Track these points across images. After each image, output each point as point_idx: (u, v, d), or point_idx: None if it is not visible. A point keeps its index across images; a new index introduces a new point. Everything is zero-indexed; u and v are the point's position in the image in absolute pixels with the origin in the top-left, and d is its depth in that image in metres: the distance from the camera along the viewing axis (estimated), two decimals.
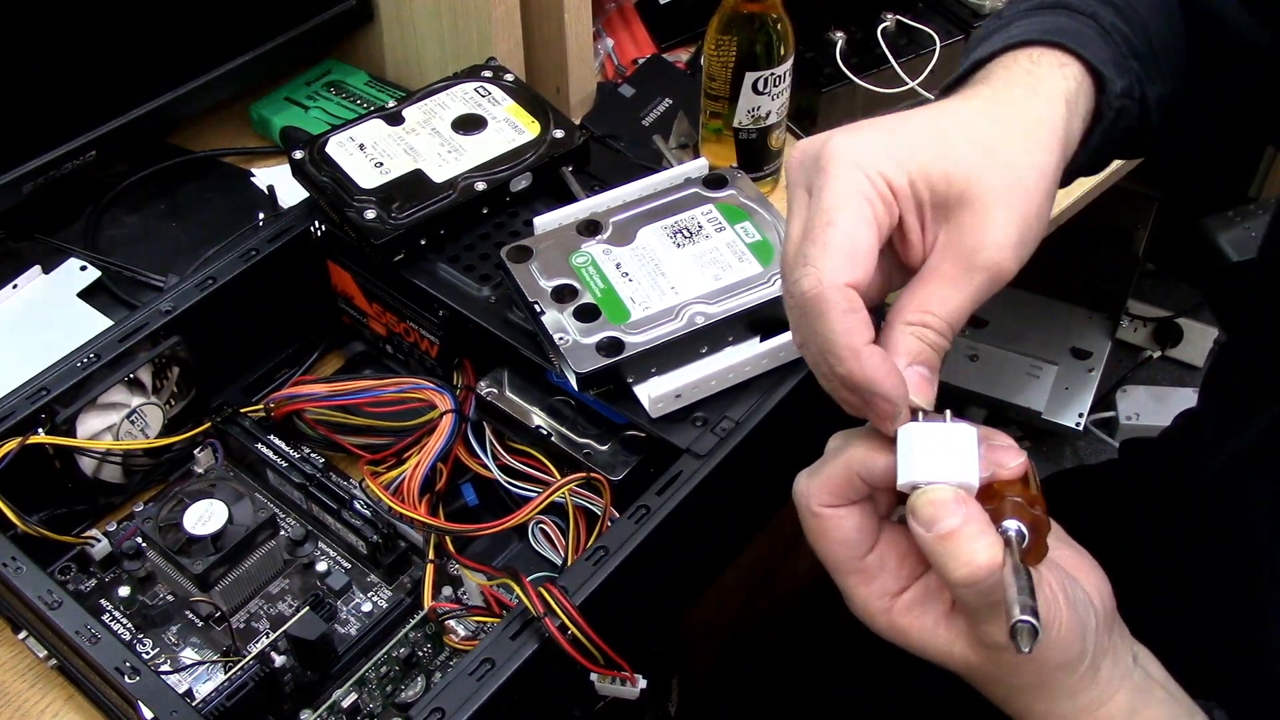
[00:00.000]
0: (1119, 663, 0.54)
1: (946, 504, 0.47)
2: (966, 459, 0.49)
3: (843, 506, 0.52)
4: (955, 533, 0.47)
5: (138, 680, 0.62)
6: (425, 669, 0.73)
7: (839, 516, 0.52)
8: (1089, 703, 0.53)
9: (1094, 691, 0.53)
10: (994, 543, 0.47)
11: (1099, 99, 0.60)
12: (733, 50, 0.96)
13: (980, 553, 0.46)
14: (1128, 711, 0.54)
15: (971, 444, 0.49)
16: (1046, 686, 0.52)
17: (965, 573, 0.47)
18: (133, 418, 0.78)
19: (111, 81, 0.97)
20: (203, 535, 0.72)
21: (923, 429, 0.49)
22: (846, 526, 0.52)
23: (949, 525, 0.47)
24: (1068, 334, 1.89)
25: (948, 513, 0.47)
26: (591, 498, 0.75)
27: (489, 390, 0.79)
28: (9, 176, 0.92)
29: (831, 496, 0.52)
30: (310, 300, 0.88)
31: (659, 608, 0.79)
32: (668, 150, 0.98)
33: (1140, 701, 0.54)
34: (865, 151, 0.50)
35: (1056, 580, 0.51)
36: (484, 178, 0.83)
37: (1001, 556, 0.47)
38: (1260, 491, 0.70)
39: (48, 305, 0.95)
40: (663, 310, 0.73)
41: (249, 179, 1.07)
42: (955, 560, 0.47)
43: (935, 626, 0.52)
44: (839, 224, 0.49)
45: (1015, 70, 0.59)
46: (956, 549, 0.47)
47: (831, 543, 0.52)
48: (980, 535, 0.47)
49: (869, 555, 0.52)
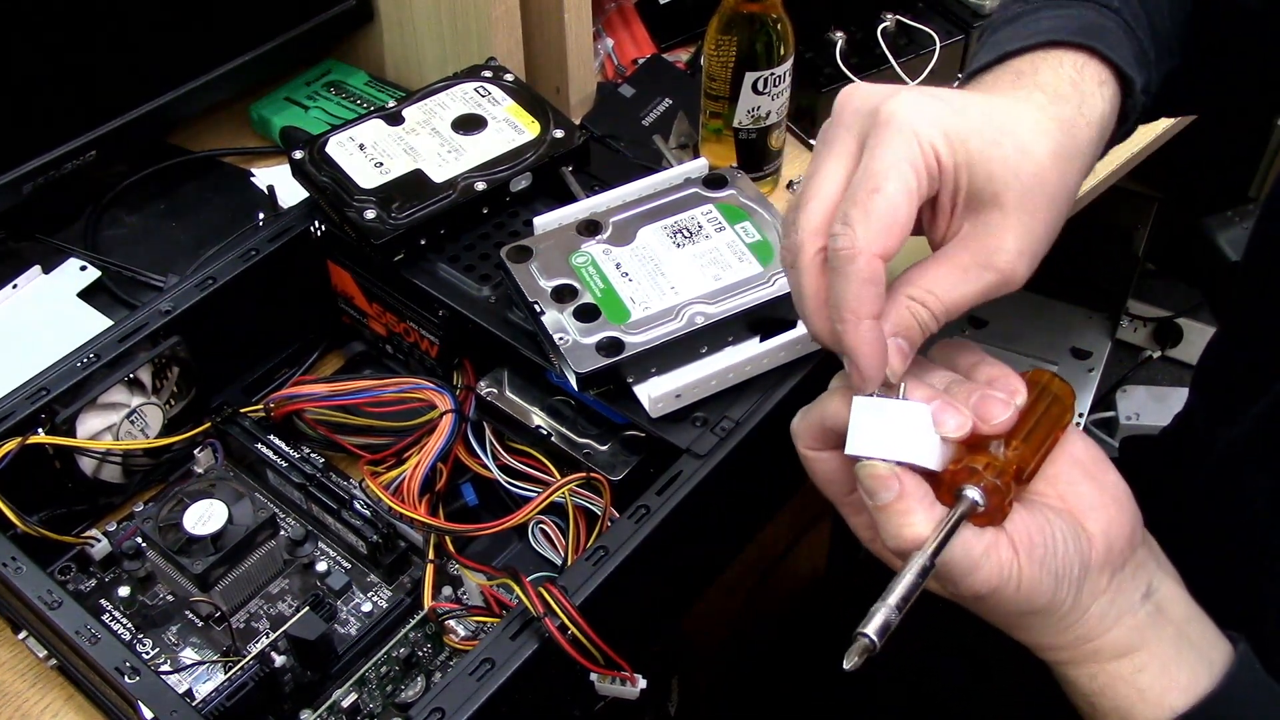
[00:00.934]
0: (1117, 601, 0.55)
1: (880, 479, 0.51)
2: (912, 437, 0.51)
3: (825, 450, 0.56)
4: (888, 507, 0.51)
5: (138, 680, 0.62)
6: (425, 669, 0.73)
7: (821, 459, 0.56)
8: (1075, 638, 0.55)
9: (1080, 629, 0.55)
10: (923, 520, 0.50)
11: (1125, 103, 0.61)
12: (733, 50, 0.96)
13: (905, 529, 0.50)
14: (1122, 648, 0.55)
15: (922, 423, 0.51)
16: (1021, 626, 0.55)
17: (892, 545, 0.51)
18: (133, 418, 0.78)
19: (111, 81, 0.97)
20: (203, 535, 0.72)
21: (874, 404, 0.52)
22: (830, 468, 0.56)
23: (883, 499, 0.51)
24: (1068, 334, 1.89)
25: (881, 487, 0.51)
26: (591, 498, 0.75)
27: (489, 390, 0.79)
28: (9, 176, 0.92)
29: (814, 440, 0.56)
30: (310, 300, 0.88)
31: (659, 608, 0.79)
32: (668, 150, 0.98)
33: (1140, 639, 0.55)
34: (926, 121, 0.51)
35: (1026, 534, 0.52)
36: (484, 178, 0.83)
37: (925, 535, 0.50)
38: (1259, 486, 0.71)
39: (48, 305, 0.95)
40: (663, 310, 0.73)
41: (249, 179, 1.07)
42: (885, 532, 0.51)
43: None
44: (885, 192, 0.50)
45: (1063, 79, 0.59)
46: (887, 522, 0.51)
47: (818, 479, 0.57)
48: (910, 512, 0.50)
49: (853, 493, 0.55)
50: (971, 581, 0.51)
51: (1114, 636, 0.55)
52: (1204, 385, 0.84)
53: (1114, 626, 0.55)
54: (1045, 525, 0.53)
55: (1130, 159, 1.15)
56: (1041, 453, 0.54)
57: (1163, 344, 2.01)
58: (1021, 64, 0.60)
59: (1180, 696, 0.55)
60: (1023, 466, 0.52)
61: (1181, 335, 2.00)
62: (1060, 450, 0.55)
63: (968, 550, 0.51)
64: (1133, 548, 0.56)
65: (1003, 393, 0.53)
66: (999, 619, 0.55)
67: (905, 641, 0.55)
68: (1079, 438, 0.56)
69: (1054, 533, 0.53)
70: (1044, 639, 0.55)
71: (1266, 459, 0.70)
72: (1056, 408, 0.55)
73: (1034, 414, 0.54)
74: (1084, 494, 0.55)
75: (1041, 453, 0.54)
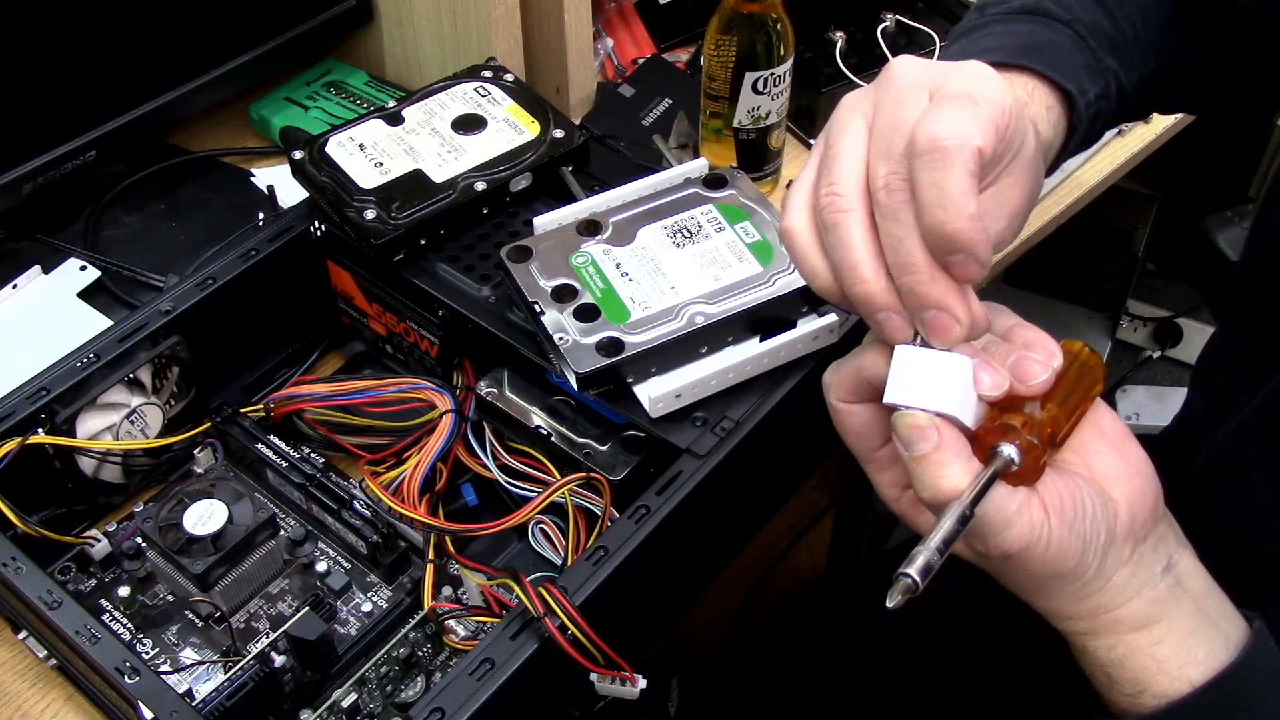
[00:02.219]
0: (1139, 573, 0.56)
1: (919, 429, 0.51)
2: (953, 389, 0.51)
3: (857, 403, 0.56)
4: (925, 457, 0.50)
5: (138, 680, 0.62)
6: (425, 669, 0.73)
7: (853, 412, 0.56)
8: (1095, 607, 0.55)
9: (1100, 598, 0.55)
10: (962, 471, 0.50)
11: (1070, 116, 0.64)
12: (733, 50, 0.96)
13: (943, 479, 0.50)
14: (1141, 619, 0.55)
15: (963, 375, 0.51)
16: (1043, 591, 0.55)
17: (927, 495, 0.51)
18: (132, 418, 0.78)
19: (111, 81, 0.97)
20: (203, 535, 0.72)
21: (917, 354, 0.51)
22: (860, 421, 0.56)
23: (921, 449, 0.50)
24: (1068, 334, 1.88)
25: (920, 437, 0.51)
26: (591, 498, 0.75)
27: (489, 390, 0.79)
28: (9, 176, 0.92)
29: (847, 393, 0.56)
30: (310, 300, 0.88)
31: (659, 607, 0.79)
32: (668, 150, 0.98)
33: (1159, 611, 0.56)
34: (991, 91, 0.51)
35: (1055, 498, 0.52)
36: (484, 178, 0.83)
37: (963, 487, 0.50)
38: (1258, 478, 0.71)
39: (48, 305, 0.95)
40: (662, 310, 0.73)
41: (249, 179, 1.07)
42: (921, 482, 0.51)
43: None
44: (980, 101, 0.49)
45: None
46: (924, 472, 0.51)
47: (848, 433, 0.57)
48: (949, 463, 0.50)
49: (882, 448, 0.56)
50: (1003, 539, 0.51)
51: (1134, 607, 0.55)
52: (1202, 382, 0.84)
53: (1134, 597, 0.55)
54: (1076, 490, 0.53)
55: (1130, 159, 1.15)
56: (1074, 419, 0.55)
57: (1163, 344, 2.02)
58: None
59: (1198, 669, 0.55)
60: (1056, 430, 0.53)
61: (1181, 335, 2.00)
62: (1088, 421, 0.56)
63: (1002, 507, 0.51)
64: (1155, 520, 0.56)
65: (1040, 355, 0.53)
66: (1023, 581, 0.55)
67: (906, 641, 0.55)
68: (1106, 411, 0.57)
69: (1083, 498, 0.53)
70: (1065, 605, 0.56)
71: (1265, 451, 0.71)
72: (1088, 378, 0.55)
73: (1068, 380, 0.54)
74: (1110, 465, 0.55)
75: (1074, 419, 0.55)
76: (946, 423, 0.51)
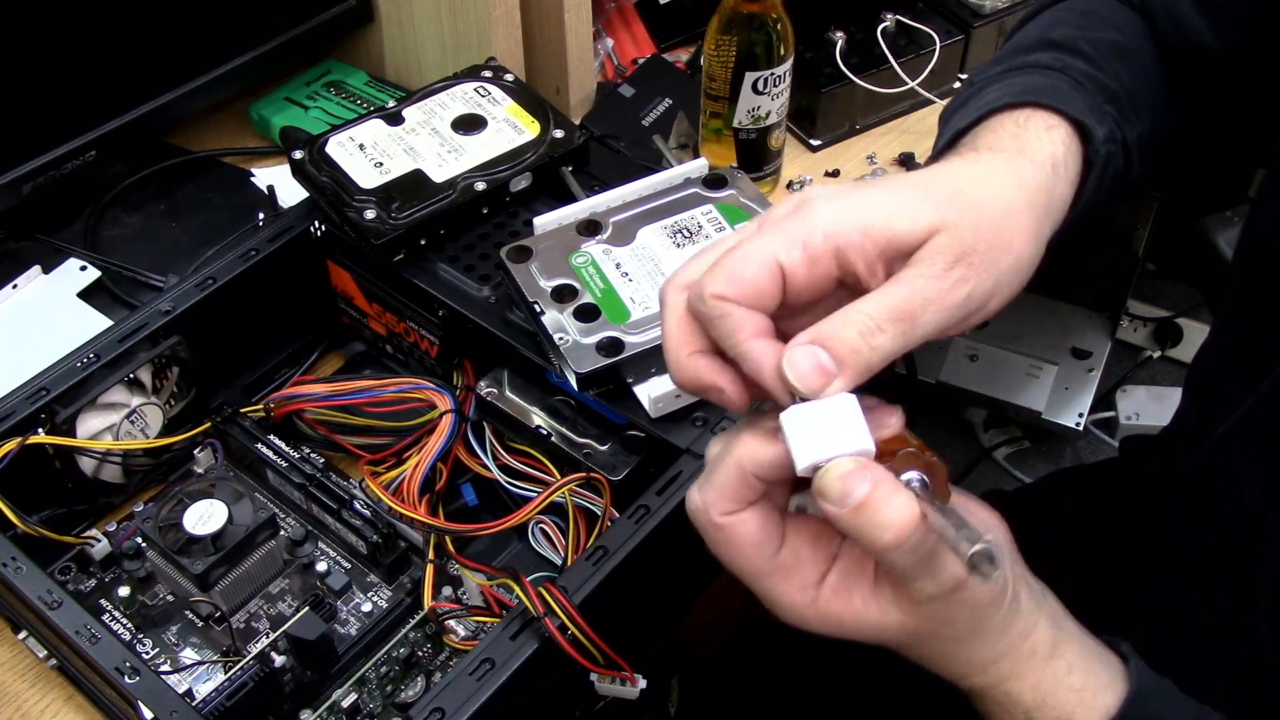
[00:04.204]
0: (1032, 591, 0.55)
1: (852, 475, 0.47)
2: (856, 426, 0.48)
3: (744, 510, 0.51)
4: (869, 500, 0.47)
5: (138, 680, 0.62)
6: (425, 669, 0.73)
7: (743, 521, 0.51)
8: (1017, 636, 0.54)
9: (1019, 623, 0.54)
10: (908, 499, 0.47)
11: (1086, 149, 0.62)
12: (733, 50, 0.96)
13: (897, 511, 0.46)
14: (1051, 644, 0.54)
15: (856, 410, 0.49)
16: (980, 628, 0.53)
17: (891, 536, 0.47)
18: (133, 418, 0.78)
19: (111, 81, 0.97)
20: (203, 535, 0.72)
21: (806, 409, 0.49)
22: (752, 529, 0.51)
23: (861, 494, 0.47)
24: (1068, 334, 1.89)
25: (855, 482, 0.47)
26: (591, 498, 0.75)
27: (489, 390, 0.79)
28: (9, 176, 0.92)
29: (730, 502, 0.51)
30: (310, 300, 0.88)
31: (659, 607, 0.79)
32: (668, 150, 0.98)
33: (1058, 634, 0.55)
34: (818, 209, 0.50)
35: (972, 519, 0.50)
36: (484, 178, 0.83)
37: (918, 509, 0.47)
38: (1250, 479, 0.71)
39: (48, 305, 0.95)
40: None
41: (249, 179, 1.07)
42: (877, 528, 0.47)
43: (864, 604, 0.52)
44: (739, 250, 0.50)
45: (1002, 134, 0.60)
46: (874, 516, 0.47)
47: (741, 549, 0.51)
48: (892, 495, 0.47)
49: (781, 552, 0.52)
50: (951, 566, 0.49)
51: (1042, 631, 0.54)
52: (1195, 387, 0.84)
53: (1040, 619, 0.54)
54: (974, 513, 0.52)
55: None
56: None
57: (1163, 344, 2.01)
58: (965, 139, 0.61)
59: (1108, 695, 0.55)
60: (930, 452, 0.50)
61: (1181, 335, 1.99)
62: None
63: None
64: (1013, 543, 0.55)
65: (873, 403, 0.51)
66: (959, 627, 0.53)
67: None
68: None
69: (982, 515, 0.52)
70: (994, 643, 0.53)
71: (1257, 452, 0.71)
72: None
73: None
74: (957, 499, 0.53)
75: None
76: (868, 460, 0.48)
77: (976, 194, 0.53)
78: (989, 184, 0.54)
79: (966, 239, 0.50)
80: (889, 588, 0.51)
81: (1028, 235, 0.53)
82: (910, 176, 0.54)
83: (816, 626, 0.53)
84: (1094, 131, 0.62)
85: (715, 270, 0.50)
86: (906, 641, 0.53)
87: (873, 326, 0.48)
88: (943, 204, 0.51)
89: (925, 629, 0.52)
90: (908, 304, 0.49)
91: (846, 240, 0.49)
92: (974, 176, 0.55)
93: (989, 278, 0.50)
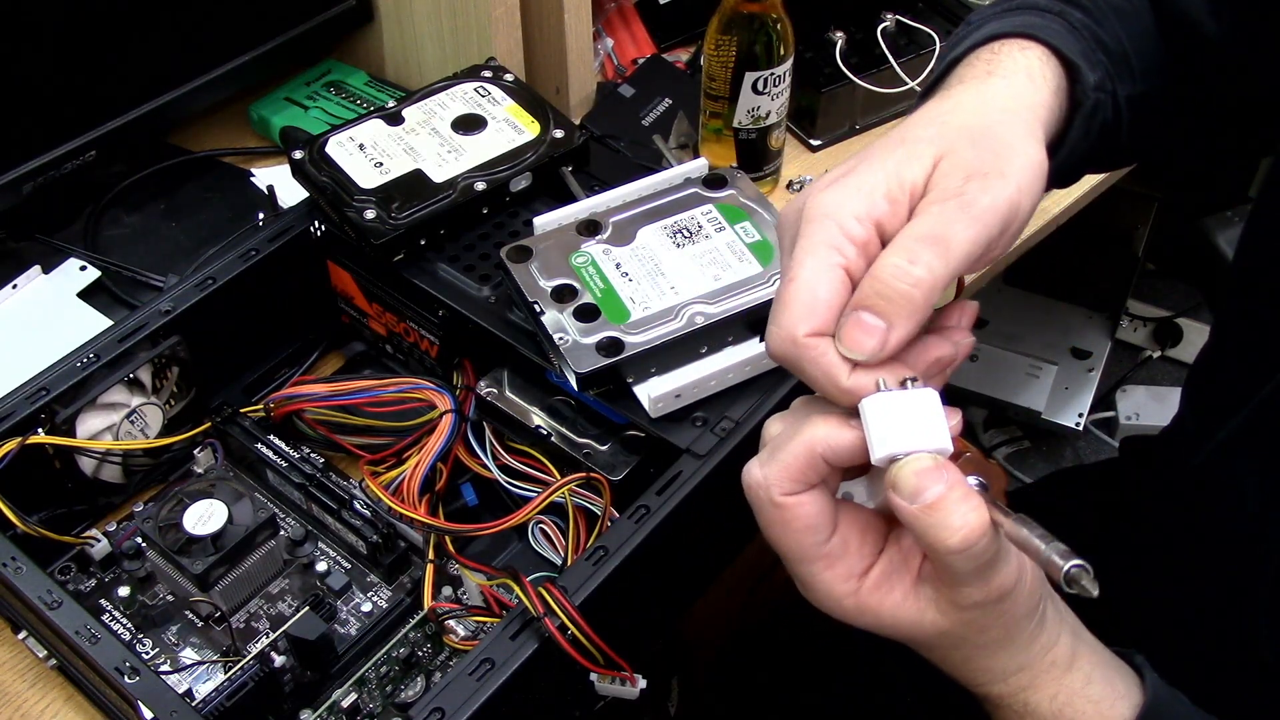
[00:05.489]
0: (1055, 605, 0.55)
1: (929, 472, 0.47)
2: (937, 424, 0.48)
3: (805, 492, 0.50)
4: (942, 500, 0.46)
5: (138, 680, 0.62)
6: (425, 669, 0.73)
7: (802, 503, 0.50)
8: (1040, 648, 0.54)
9: (1044, 637, 0.54)
10: (980, 503, 0.47)
11: (1074, 89, 0.62)
12: (733, 50, 0.96)
13: (971, 514, 0.46)
14: (1070, 656, 0.55)
15: (937, 406, 0.48)
16: (1011, 638, 0.53)
17: (959, 538, 0.46)
18: (132, 418, 0.78)
19: (111, 81, 0.97)
20: (203, 535, 0.72)
21: (889, 399, 0.48)
22: (811, 512, 0.50)
23: (935, 494, 0.46)
24: (1068, 334, 1.89)
25: (931, 480, 0.46)
26: (591, 498, 0.75)
27: (489, 390, 0.79)
28: (9, 176, 0.92)
29: (793, 483, 0.50)
30: (310, 300, 0.88)
31: (659, 608, 0.79)
32: (668, 150, 0.98)
33: (1077, 645, 0.55)
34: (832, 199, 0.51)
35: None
36: (484, 178, 0.83)
37: (988, 516, 0.46)
38: (1250, 484, 0.71)
39: (48, 305, 0.95)
40: (662, 310, 0.73)
41: (249, 179, 1.07)
42: (947, 528, 0.46)
43: (904, 599, 0.52)
44: (799, 278, 0.50)
45: (976, 65, 0.60)
46: (947, 517, 0.46)
47: (796, 531, 0.51)
48: (966, 498, 0.46)
49: (832, 539, 0.51)
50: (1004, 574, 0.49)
51: (1063, 643, 0.55)
52: (1194, 392, 0.84)
53: (1062, 631, 0.55)
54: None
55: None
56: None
57: (1163, 344, 2.02)
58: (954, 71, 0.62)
59: (1124, 704, 0.55)
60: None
61: (1181, 335, 2.00)
62: None
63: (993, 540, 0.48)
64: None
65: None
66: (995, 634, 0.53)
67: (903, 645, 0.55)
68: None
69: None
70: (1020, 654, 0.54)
71: (1257, 457, 0.71)
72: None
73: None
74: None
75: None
76: (945, 460, 0.48)
77: (959, 119, 0.54)
78: (965, 108, 0.56)
79: (968, 155, 0.50)
80: (930, 588, 0.51)
81: (1024, 134, 0.54)
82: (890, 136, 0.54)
83: (852, 617, 0.52)
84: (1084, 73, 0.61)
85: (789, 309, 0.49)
86: (935, 643, 0.53)
87: (904, 263, 0.48)
88: (935, 138, 0.51)
89: (957, 632, 0.52)
90: (933, 227, 0.48)
91: (880, 213, 0.50)
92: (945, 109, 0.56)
93: (1006, 182, 0.50)
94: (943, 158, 0.51)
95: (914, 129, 0.54)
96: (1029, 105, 0.58)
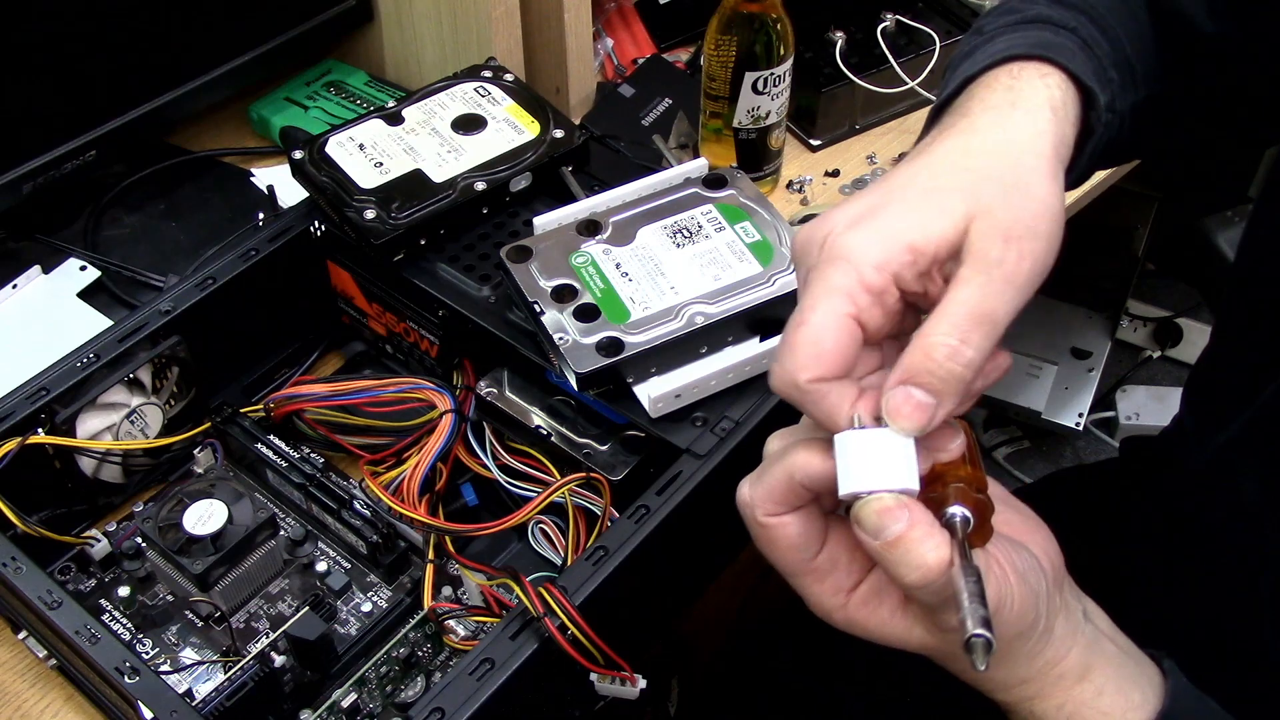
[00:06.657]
0: (1070, 619, 0.55)
1: (890, 511, 0.48)
2: (905, 464, 0.49)
3: (788, 514, 0.52)
4: (902, 538, 0.47)
5: (137, 680, 0.62)
6: (425, 669, 0.73)
7: (785, 524, 0.52)
8: (1045, 664, 0.54)
9: (1049, 652, 0.54)
10: (941, 542, 0.47)
11: (1087, 114, 0.61)
12: (732, 50, 0.96)
13: (929, 554, 0.47)
14: (1081, 669, 0.55)
15: (909, 448, 0.49)
16: (1006, 656, 0.53)
17: (916, 576, 0.47)
18: (132, 418, 0.78)
19: (111, 81, 0.97)
20: (203, 535, 0.72)
21: (859, 437, 0.49)
22: (793, 533, 0.52)
23: (895, 531, 0.47)
24: (1068, 334, 1.89)
25: (892, 519, 0.47)
26: (591, 498, 0.75)
27: (489, 390, 0.79)
28: (9, 176, 0.92)
29: (775, 505, 0.52)
30: (310, 300, 0.88)
31: (659, 607, 0.79)
32: (668, 150, 0.98)
33: (1092, 657, 0.55)
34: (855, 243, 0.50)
35: (1005, 555, 0.51)
36: (484, 178, 0.83)
37: (949, 555, 0.47)
38: (1250, 487, 0.71)
39: (48, 305, 0.95)
40: (662, 310, 0.73)
41: (249, 179, 1.07)
42: (905, 565, 0.47)
43: (891, 616, 0.52)
44: (810, 323, 0.49)
45: (996, 89, 0.59)
46: (905, 554, 0.47)
47: (781, 549, 0.52)
48: (927, 538, 0.47)
49: (819, 556, 0.52)
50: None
51: (1074, 657, 0.55)
52: (1194, 395, 0.84)
53: (1073, 646, 0.55)
54: (1013, 545, 0.52)
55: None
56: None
57: (1163, 344, 2.01)
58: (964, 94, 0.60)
59: (1137, 715, 0.55)
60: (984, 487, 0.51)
61: (1181, 335, 1.99)
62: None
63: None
64: (1063, 568, 0.55)
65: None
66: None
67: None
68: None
69: (1023, 552, 0.52)
70: (1019, 668, 0.54)
71: (1257, 458, 0.71)
72: (969, 435, 0.53)
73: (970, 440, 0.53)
74: (1013, 519, 0.55)
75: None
76: (909, 499, 0.48)
77: (986, 166, 0.53)
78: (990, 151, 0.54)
79: (1003, 216, 0.50)
80: (916, 607, 0.52)
81: (1051, 183, 0.54)
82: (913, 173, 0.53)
83: (842, 628, 0.54)
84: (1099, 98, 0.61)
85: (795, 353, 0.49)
86: (930, 655, 0.54)
87: (956, 344, 0.48)
88: (964, 189, 0.51)
89: (947, 649, 0.53)
90: (981, 304, 0.48)
91: (899, 264, 0.49)
92: (973, 148, 0.55)
93: (1040, 241, 0.50)
94: (976, 217, 0.50)
95: (943, 174, 0.53)
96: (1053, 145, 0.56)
